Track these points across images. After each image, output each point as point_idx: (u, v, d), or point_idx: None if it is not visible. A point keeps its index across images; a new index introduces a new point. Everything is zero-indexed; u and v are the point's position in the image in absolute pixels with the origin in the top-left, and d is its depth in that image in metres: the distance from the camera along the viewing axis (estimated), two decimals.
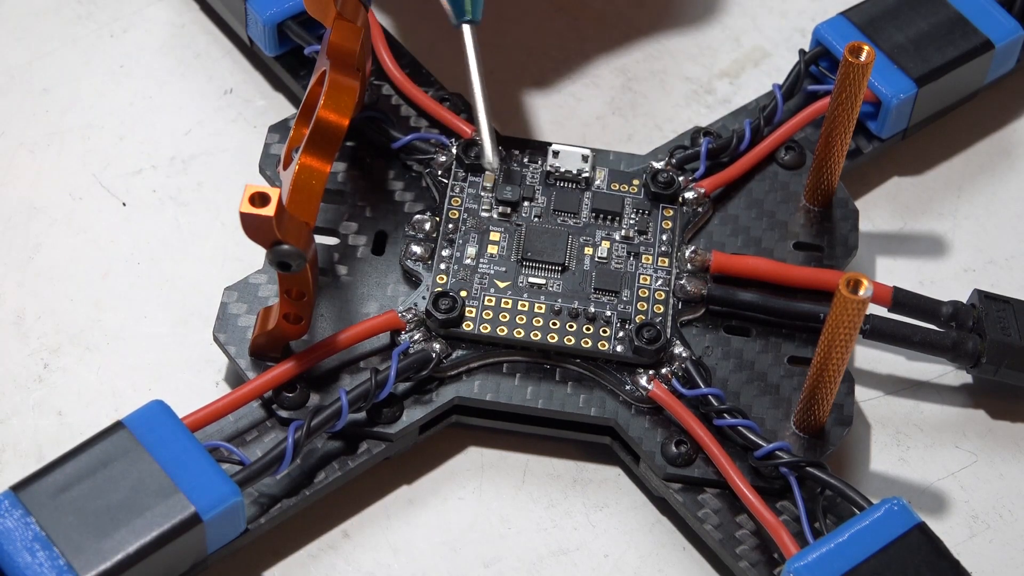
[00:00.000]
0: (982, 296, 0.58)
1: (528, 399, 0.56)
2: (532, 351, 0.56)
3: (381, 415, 0.55)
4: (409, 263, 0.57)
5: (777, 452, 0.54)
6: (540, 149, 0.60)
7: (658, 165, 0.60)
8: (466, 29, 0.58)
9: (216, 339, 0.56)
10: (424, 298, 0.57)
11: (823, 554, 0.51)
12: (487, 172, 0.59)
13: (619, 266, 0.58)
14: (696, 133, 0.61)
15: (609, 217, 0.59)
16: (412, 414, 0.55)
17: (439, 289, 0.56)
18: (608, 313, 0.57)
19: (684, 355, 0.56)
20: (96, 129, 0.63)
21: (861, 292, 0.50)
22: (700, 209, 0.59)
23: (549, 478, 0.57)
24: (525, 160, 0.60)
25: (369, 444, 0.55)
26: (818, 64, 0.62)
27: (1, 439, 0.56)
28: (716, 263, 0.58)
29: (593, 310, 0.57)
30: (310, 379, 0.55)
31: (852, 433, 0.58)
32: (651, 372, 0.56)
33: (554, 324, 0.56)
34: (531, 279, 0.57)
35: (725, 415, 0.54)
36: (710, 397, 0.55)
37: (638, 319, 0.56)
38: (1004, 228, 0.63)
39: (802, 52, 0.62)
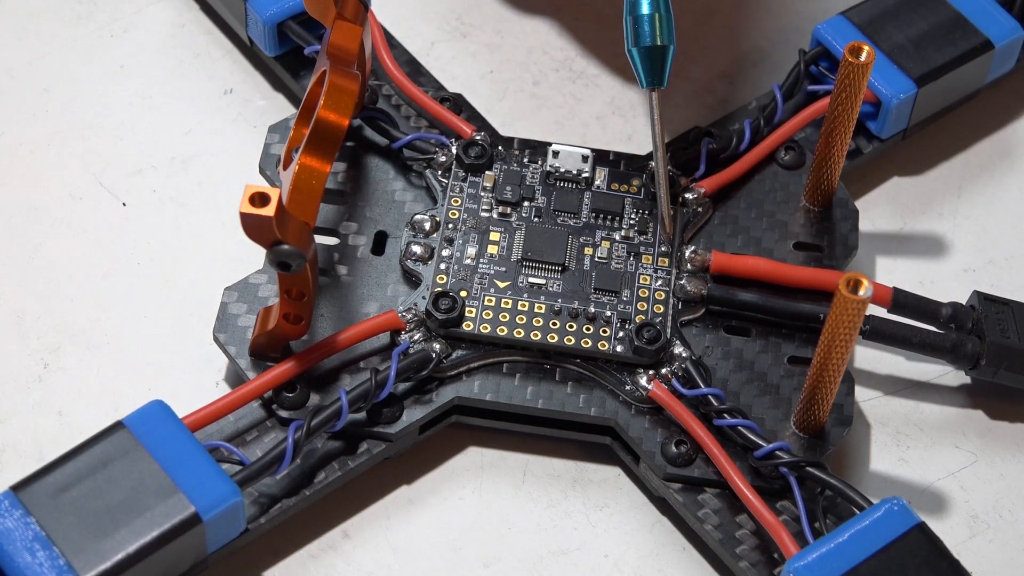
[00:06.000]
0: (981, 298, 0.58)
1: (528, 399, 0.56)
2: (532, 351, 0.56)
3: (381, 415, 0.55)
4: (409, 263, 0.57)
5: (777, 452, 0.54)
6: (540, 149, 0.60)
7: None
8: (653, 96, 0.57)
9: (216, 339, 0.56)
10: (424, 298, 0.57)
11: (823, 554, 0.51)
12: (486, 182, 0.59)
13: (619, 266, 0.58)
14: (696, 133, 0.61)
15: (609, 217, 0.59)
16: (412, 414, 0.55)
17: (439, 289, 0.56)
18: (608, 313, 0.56)
19: (684, 355, 0.56)
20: (96, 129, 0.63)
21: (861, 292, 0.50)
22: (700, 209, 0.59)
23: (549, 478, 0.57)
24: (525, 160, 0.60)
25: (369, 444, 0.55)
26: (818, 64, 0.62)
27: (1, 439, 0.56)
28: (716, 263, 0.58)
29: (593, 310, 0.57)
30: (310, 379, 0.55)
31: (852, 433, 0.58)
32: (651, 372, 0.56)
33: (554, 324, 0.56)
34: (531, 279, 0.57)
35: (725, 415, 0.54)
36: (710, 397, 0.55)
37: (638, 319, 0.56)
38: (1004, 228, 0.63)
39: (802, 52, 0.62)
